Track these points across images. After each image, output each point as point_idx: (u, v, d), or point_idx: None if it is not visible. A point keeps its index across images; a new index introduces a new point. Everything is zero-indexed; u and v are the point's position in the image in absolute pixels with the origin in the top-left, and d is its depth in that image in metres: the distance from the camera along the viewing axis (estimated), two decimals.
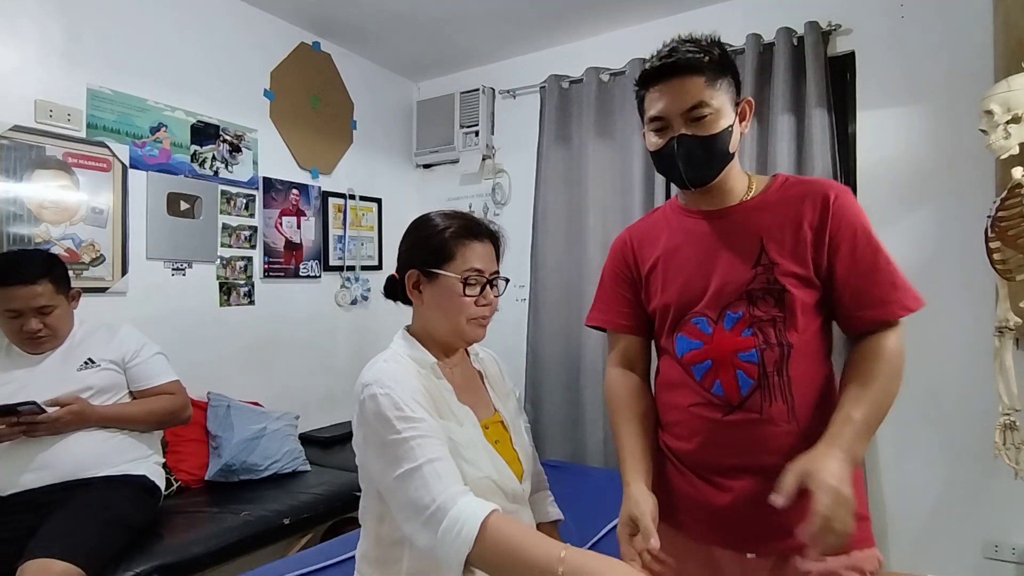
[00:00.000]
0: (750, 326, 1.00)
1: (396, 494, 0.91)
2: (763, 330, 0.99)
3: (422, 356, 1.06)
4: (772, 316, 0.99)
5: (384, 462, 0.92)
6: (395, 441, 0.91)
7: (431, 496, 0.86)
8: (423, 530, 0.86)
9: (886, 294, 0.96)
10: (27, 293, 1.66)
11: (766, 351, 0.99)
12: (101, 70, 2.16)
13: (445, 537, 0.83)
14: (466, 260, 1.04)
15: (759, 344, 0.99)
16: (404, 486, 0.89)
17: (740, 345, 1.00)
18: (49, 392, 1.66)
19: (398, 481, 0.90)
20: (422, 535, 0.86)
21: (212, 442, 2.25)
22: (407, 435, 0.91)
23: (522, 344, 2.94)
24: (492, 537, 0.83)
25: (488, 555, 0.82)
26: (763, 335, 0.99)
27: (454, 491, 0.87)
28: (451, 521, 0.84)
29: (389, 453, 0.91)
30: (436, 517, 0.85)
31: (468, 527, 0.83)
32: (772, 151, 2.39)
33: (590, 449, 2.72)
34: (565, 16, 2.77)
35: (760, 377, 0.98)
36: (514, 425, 1.16)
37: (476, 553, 0.82)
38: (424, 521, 0.86)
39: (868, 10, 2.33)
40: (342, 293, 3.09)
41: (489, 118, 3.25)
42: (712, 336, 1.03)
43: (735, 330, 1.01)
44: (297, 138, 2.87)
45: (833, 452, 0.87)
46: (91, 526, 1.54)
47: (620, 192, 2.75)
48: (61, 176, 2.04)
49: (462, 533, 0.83)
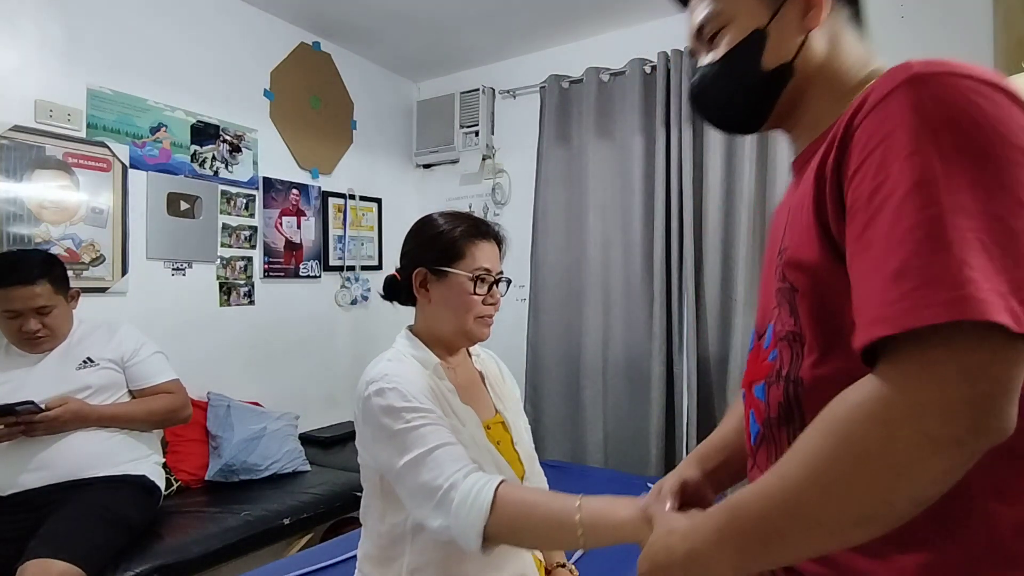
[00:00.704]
0: (776, 344, 0.66)
1: (407, 480, 0.90)
2: (782, 352, 0.64)
3: (426, 356, 1.07)
4: (787, 331, 0.63)
5: (393, 451, 0.92)
6: (405, 430, 0.92)
7: (443, 477, 0.87)
8: (436, 511, 0.86)
9: (876, 301, 0.47)
10: (26, 293, 1.66)
11: (771, 386, 0.65)
12: (101, 70, 2.16)
13: (459, 511, 0.83)
14: (475, 259, 1.06)
15: (769, 375, 0.66)
16: (415, 471, 0.89)
17: (758, 373, 0.69)
18: (48, 392, 1.67)
19: (409, 467, 0.90)
20: (435, 516, 0.86)
21: (212, 442, 2.25)
22: (416, 424, 0.92)
23: (522, 344, 2.94)
24: (506, 502, 0.82)
25: (505, 520, 0.82)
26: (781, 360, 0.64)
27: (464, 470, 0.88)
28: (463, 495, 0.84)
29: (399, 442, 0.92)
30: (448, 496, 0.85)
31: (482, 497, 0.83)
32: (772, 151, 2.39)
33: (590, 449, 2.71)
34: (565, 16, 2.77)
35: (765, 424, 0.66)
36: (515, 426, 1.16)
37: (493, 521, 0.82)
38: (437, 502, 0.86)
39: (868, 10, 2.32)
40: (342, 293, 3.09)
41: (489, 118, 3.25)
42: (751, 355, 0.74)
43: (768, 349, 0.68)
44: (297, 138, 2.87)
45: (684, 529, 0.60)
46: (91, 526, 1.54)
47: (620, 192, 2.75)
48: (61, 176, 2.04)
49: (476, 503, 0.82)
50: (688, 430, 2.51)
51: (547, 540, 0.87)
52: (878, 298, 0.46)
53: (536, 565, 1.14)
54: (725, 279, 2.49)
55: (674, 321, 2.58)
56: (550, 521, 0.80)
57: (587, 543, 0.77)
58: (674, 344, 2.58)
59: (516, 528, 0.83)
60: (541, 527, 0.82)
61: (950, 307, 0.42)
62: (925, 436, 0.43)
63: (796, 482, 0.49)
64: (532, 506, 0.83)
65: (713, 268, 2.49)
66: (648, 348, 2.61)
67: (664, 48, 2.61)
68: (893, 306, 0.45)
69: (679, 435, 2.56)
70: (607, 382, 2.74)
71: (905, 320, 0.44)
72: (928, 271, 0.44)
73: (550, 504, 0.82)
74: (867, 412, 0.46)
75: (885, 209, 0.47)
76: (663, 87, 2.61)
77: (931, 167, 0.46)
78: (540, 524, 0.82)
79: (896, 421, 0.44)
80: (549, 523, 0.80)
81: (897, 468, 0.45)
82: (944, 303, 0.43)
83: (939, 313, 0.43)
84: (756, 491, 0.53)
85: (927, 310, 0.43)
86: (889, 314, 0.45)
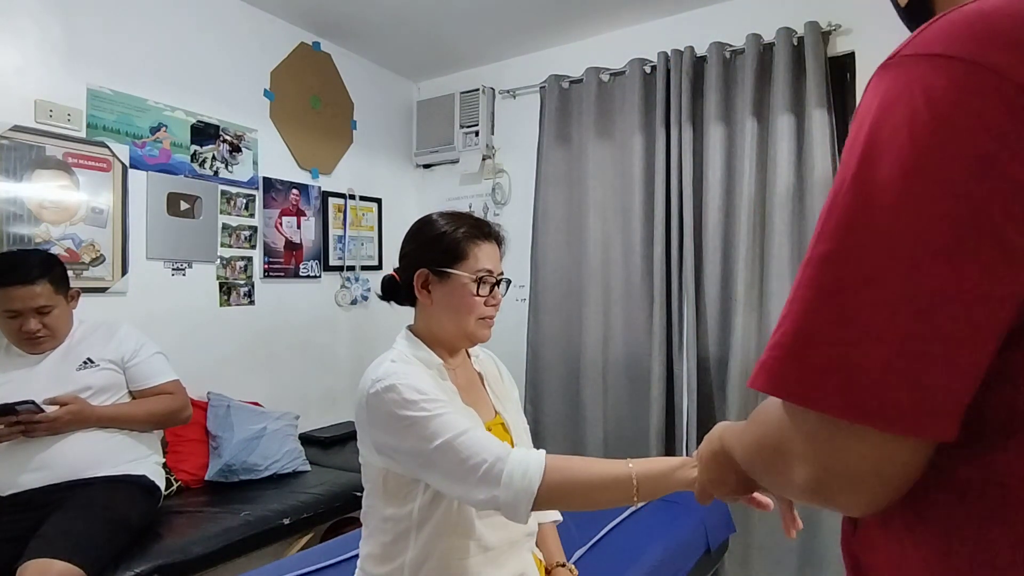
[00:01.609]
0: None
1: (441, 462, 0.91)
2: None
3: (428, 357, 1.07)
4: None
5: (419, 438, 0.93)
6: (428, 417, 0.93)
7: (485, 454, 0.89)
8: (480, 486, 0.88)
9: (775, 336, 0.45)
10: (26, 293, 1.66)
11: None
12: (101, 70, 2.16)
13: (511, 482, 0.86)
14: (478, 260, 1.07)
15: None
16: (450, 452, 0.91)
17: None
18: (48, 392, 1.66)
19: (440, 451, 0.91)
20: (480, 490, 0.88)
21: (212, 442, 2.25)
22: (437, 412, 0.94)
23: (522, 344, 2.94)
24: (557, 467, 0.88)
25: (557, 484, 0.87)
26: None
27: (503, 446, 0.91)
28: (513, 465, 0.88)
29: (422, 429, 0.93)
30: (496, 468, 0.88)
31: (535, 463, 0.88)
32: (772, 151, 2.39)
33: (590, 449, 2.72)
34: (565, 16, 2.77)
35: None
36: (515, 427, 1.16)
37: (545, 487, 0.86)
38: (481, 476, 0.88)
39: (868, 10, 2.32)
40: (342, 293, 3.09)
41: (489, 118, 3.25)
42: None
43: None
44: (297, 138, 2.87)
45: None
46: (91, 526, 1.54)
47: (620, 192, 2.75)
48: (61, 176, 2.04)
49: (528, 472, 0.87)
50: (688, 430, 2.51)
51: (600, 498, 0.91)
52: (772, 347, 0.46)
53: (536, 564, 1.14)
54: (725, 279, 2.49)
55: (674, 321, 2.58)
56: (604, 478, 0.87)
57: (642, 494, 0.83)
58: (674, 344, 2.58)
59: (568, 490, 0.88)
60: (594, 485, 0.87)
61: (771, 377, 0.45)
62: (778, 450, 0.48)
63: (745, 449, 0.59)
64: (582, 468, 0.89)
65: (713, 268, 2.49)
66: (648, 348, 2.61)
67: (664, 48, 2.61)
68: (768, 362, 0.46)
69: (679, 435, 2.56)
70: (607, 382, 2.74)
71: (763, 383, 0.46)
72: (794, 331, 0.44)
73: (600, 465, 0.89)
74: (773, 426, 0.49)
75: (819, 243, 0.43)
76: (663, 87, 2.61)
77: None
78: (593, 482, 0.87)
79: (779, 438, 0.48)
80: (603, 480, 0.87)
81: (773, 454, 0.49)
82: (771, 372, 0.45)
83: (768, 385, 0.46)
84: (734, 440, 0.66)
85: (768, 379, 0.45)
86: (765, 371, 0.46)
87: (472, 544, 1.02)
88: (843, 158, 0.44)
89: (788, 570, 2.31)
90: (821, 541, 2.22)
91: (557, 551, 1.23)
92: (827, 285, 0.41)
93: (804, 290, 0.42)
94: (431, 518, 1.00)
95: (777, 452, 0.47)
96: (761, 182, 2.43)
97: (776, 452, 0.47)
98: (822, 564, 2.23)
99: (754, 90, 2.41)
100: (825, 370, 0.40)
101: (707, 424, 2.50)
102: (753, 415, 0.56)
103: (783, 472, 0.46)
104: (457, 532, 1.01)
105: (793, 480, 0.45)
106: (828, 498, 0.44)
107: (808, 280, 0.42)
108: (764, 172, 2.43)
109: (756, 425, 0.54)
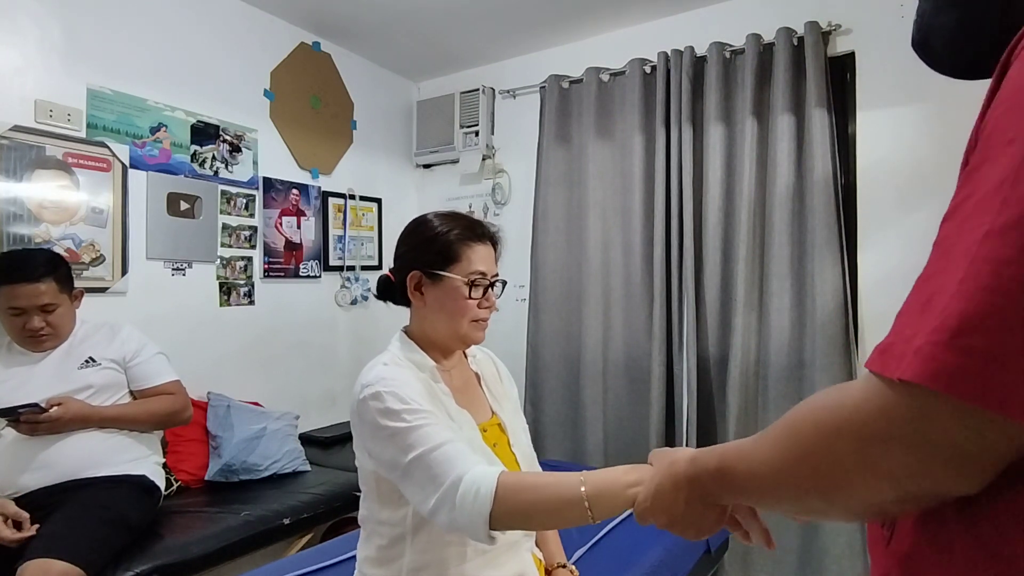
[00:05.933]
0: None
1: (413, 476, 0.91)
2: None
3: (421, 359, 1.07)
4: None
5: (397, 450, 0.92)
6: (407, 429, 0.92)
7: (448, 472, 0.87)
8: (442, 505, 0.86)
9: (902, 321, 0.42)
10: (31, 291, 1.67)
11: None
12: (101, 70, 2.16)
13: (464, 502, 0.84)
14: (471, 262, 1.06)
15: None
16: (420, 468, 0.89)
17: None
18: (49, 390, 1.67)
19: (414, 464, 0.90)
20: (441, 511, 0.87)
21: (212, 442, 2.25)
22: (417, 423, 0.92)
23: (522, 344, 2.94)
24: (509, 489, 0.84)
25: (511, 504, 0.83)
26: None
27: (469, 464, 0.88)
28: (467, 486, 0.85)
29: (401, 441, 0.92)
30: (453, 487, 0.85)
31: (486, 485, 0.84)
32: (772, 151, 2.39)
33: (590, 449, 2.71)
34: (565, 16, 2.77)
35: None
36: (512, 427, 1.16)
37: (497, 509, 0.83)
38: (441, 496, 0.86)
39: (868, 10, 2.33)
40: (342, 293, 3.09)
41: (489, 118, 3.25)
42: None
43: None
44: (297, 138, 2.87)
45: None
46: (91, 526, 1.54)
47: (620, 192, 2.75)
48: (61, 176, 2.04)
49: (479, 494, 0.83)
50: (688, 430, 2.51)
51: (556, 518, 0.88)
52: (911, 336, 0.40)
53: (536, 565, 1.14)
54: (725, 279, 2.49)
55: (674, 321, 2.58)
56: (557, 500, 0.82)
57: (596, 515, 0.79)
58: (674, 344, 2.58)
59: (522, 512, 0.84)
60: (548, 507, 0.83)
61: (922, 360, 0.39)
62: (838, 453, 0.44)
63: (772, 462, 0.52)
64: (536, 488, 0.84)
65: (713, 268, 2.49)
66: (648, 348, 2.61)
67: (664, 48, 2.61)
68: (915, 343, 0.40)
69: (679, 435, 2.56)
70: (607, 382, 2.74)
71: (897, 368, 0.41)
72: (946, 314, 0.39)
73: (554, 484, 0.83)
74: (824, 423, 0.46)
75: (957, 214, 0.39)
76: (663, 87, 2.61)
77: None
78: (546, 504, 0.83)
79: (836, 439, 0.45)
80: (556, 502, 0.82)
81: (810, 467, 0.47)
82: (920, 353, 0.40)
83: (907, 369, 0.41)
84: (744, 455, 0.56)
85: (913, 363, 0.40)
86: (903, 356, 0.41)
87: (469, 549, 1.01)
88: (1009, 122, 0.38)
89: (788, 570, 2.31)
90: (821, 541, 2.22)
91: (557, 551, 1.22)
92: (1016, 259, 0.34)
93: (980, 264, 0.36)
94: (427, 524, 0.98)
95: (862, 441, 0.41)
96: (761, 182, 2.43)
97: (860, 441, 0.41)
98: (822, 564, 2.22)
99: (754, 90, 2.41)
100: (1005, 363, 0.34)
101: (707, 424, 2.50)
102: (781, 428, 0.50)
103: (851, 473, 0.42)
104: (454, 537, 1.00)
105: (880, 471, 0.40)
106: (931, 487, 0.40)
107: (984, 256, 0.36)
108: (764, 172, 2.43)
109: (793, 432, 0.48)
